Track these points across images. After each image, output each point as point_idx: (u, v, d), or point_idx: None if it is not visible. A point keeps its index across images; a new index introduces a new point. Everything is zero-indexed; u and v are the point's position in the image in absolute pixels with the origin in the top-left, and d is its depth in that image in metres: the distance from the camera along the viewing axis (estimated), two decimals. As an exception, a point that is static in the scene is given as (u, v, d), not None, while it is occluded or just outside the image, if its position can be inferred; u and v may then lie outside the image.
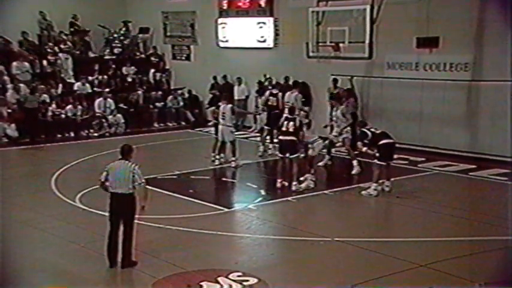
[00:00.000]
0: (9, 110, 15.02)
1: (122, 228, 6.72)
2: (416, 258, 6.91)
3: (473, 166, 11.15)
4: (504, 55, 11.09)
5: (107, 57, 18.32)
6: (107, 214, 6.84)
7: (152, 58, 18.96)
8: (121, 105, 16.73)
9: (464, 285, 6.17)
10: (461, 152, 11.66)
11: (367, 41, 12.21)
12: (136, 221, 6.86)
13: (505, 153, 11.43)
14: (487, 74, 11.83)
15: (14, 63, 16.12)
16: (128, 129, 16.21)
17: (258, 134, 13.68)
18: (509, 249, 7.18)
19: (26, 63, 16.31)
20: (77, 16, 18.03)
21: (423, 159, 11.90)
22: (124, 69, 18.21)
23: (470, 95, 11.93)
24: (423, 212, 8.98)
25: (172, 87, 18.54)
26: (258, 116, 14.01)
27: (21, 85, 15.58)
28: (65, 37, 17.80)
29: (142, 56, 19.11)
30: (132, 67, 18.33)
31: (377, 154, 9.46)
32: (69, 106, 15.79)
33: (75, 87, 16.75)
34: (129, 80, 18.02)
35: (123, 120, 16.25)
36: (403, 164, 11.54)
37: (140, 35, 19.30)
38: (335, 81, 13.71)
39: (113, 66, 18.06)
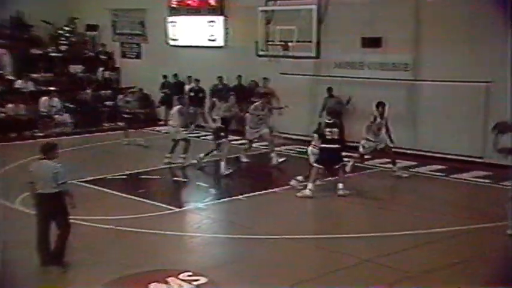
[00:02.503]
0: None
1: (52, 228, 6.62)
2: (362, 253, 7.14)
3: (415, 163, 11.58)
4: (441, 56, 11.59)
5: (52, 54, 17.82)
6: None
7: (101, 56, 18.62)
8: (68, 104, 16.35)
9: (405, 277, 6.42)
10: (403, 149, 12.10)
11: (314, 41, 12.45)
12: (85, 222, 6.77)
13: (444, 150, 11.99)
14: (425, 74, 12.32)
15: None
16: (76, 128, 15.87)
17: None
18: (447, 240, 7.55)
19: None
20: (22, 11, 17.42)
21: (368, 156, 12.25)
22: (71, 67, 17.77)
23: (411, 94, 12.39)
24: (368, 208, 9.28)
25: (122, 86, 18.29)
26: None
27: None
28: (3, 31, 17.06)
29: (91, 53, 18.73)
30: (80, 65, 17.92)
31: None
32: (10, 105, 15.23)
33: (17, 85, 16.17)
34: (77, 78, 17.63)
35: (70, 120, 15.88)
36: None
37: (88, 32, 18.90)
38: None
39: (59, 63, 17.58)
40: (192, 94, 16.08)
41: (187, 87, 16.52)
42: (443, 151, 11.86)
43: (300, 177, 9.83)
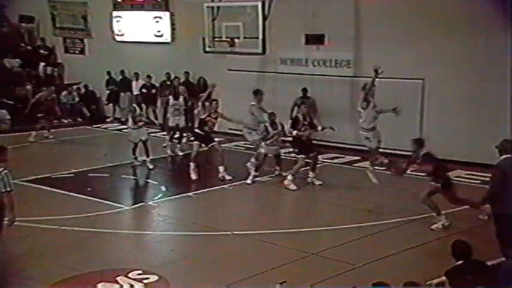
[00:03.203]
0: None
1: None
2: (309, 247, 7.35)
3: (358, 158, 11.97)
4: (380, 53, 12.00)
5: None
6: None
7: (41, 50, 17.98)
8: (5, 100, 15.70)
9: (347, 270, 6.69)
10: (347, 144, 12.49)
11: (260, 37, 12.59)
12: (29, 223, 6.59)
13: (387, 145, 12.43)
14: (366, 71, 12.74)
15: None
16: (15, 126, 15.31)
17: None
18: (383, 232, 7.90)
19: None
20: None
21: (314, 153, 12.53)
22: (6, 61, 17.01)
23: (353, 90, 12.79)
24: (315, 202, 9.56)
25: (66, 82, 17.79)
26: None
27: None
28: None
29: (28, 47, 18.01)
30: (17, 59, 17.20)
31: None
32: None
33: None
34: (15, 73, 16.88)
35: (8, 117, 15.32)
36: (292, 157, 12.09)
37: (23, 24, 18.11)
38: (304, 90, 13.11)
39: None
40: (144, 91, 15.90)
41: (135, 84, 16.31)
42: (387, 146, 12.31)
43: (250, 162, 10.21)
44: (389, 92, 12.18)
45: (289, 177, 9.88)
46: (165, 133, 13.32)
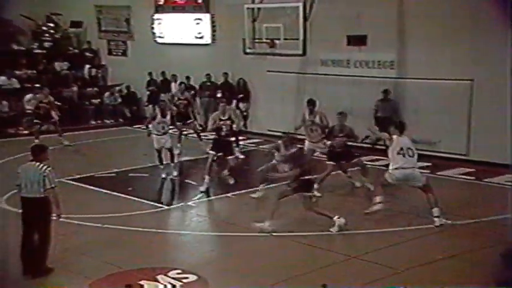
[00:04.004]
0: None
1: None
2: (350, 250, 7.25)
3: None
4: (424, 54, 11.72)
5: (36, 51, 17.60)
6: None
7: (87, 53, 18.49)
8: (54, 101, 16.21)
9: (389, 274, 6.53)
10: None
11: (301, 38, 12.51)
12: (74, 221, 6.74)
13: (428, 147, 12.11)
14: (410, 72, 12.44)
15: None
16: (62, 126, 15.75)
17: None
18: (427, 237, 7.68)
19: None
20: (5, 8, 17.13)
21: (356, 154, 12.33)
22: (56, 65, 17.62)
23: (396, 91, 12.53)
24: (354, 204, 9.36)
25: (108, 84, 18.20)
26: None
27: None
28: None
29: (76, 51, 18.59)
30: (65, 62, 17.78)
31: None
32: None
33: (0, 82, 15.98)
34: (62, 75, 17.48)
35: (57, 117, 15.74)
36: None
37: (72, 29, 18.73)
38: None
39: (43, 60, 17.42)
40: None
41: (173, 86, 16.51)
42: (428, 148, 12.01)
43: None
44: (435, 93, 11.90)
45: (315, 185, 9.69)
46: (202, 133, 13.30)
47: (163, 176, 10.91)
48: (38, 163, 6.42)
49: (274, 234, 7.84)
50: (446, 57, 11.65)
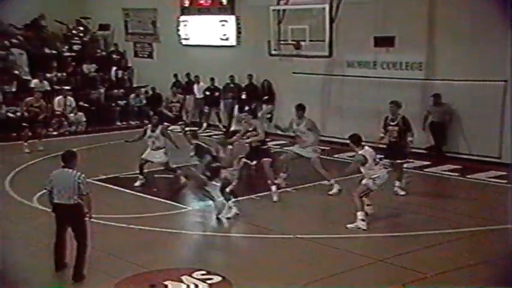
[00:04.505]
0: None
1: (68, 236, 6.50)
2: (376, 253, 7.13)
3: (428, 163, 11.49)
4: (454, 54, 11.49)
5: (66, 54, 17.97)
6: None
7: (113, 55, 18.73)
8: (82, 103, 16.49)
9: (416, 278, 6.39)
10: (418, 148, 12.00)
11: (327, 40, 12.42)
12: (100, 221, 6.81)
13: (459, 149, 11.89)
14: (439, 73, 12.23)
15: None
16: (89, 127, 16.00)
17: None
18: (462, 241, 7.52)
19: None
20: (44, 15, 17.59)
21: (381, 156, 12.18)
22: (84, 67, 17.91)
23: (424, 93, 12.32)
24: (381, 207, 9.23)
25: (134, 85, 18.39)
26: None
27: None
28: (16, 31, 17.21)
29: (103, 53, 18.85)
30: (93, 64, 18.06)
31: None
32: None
33: (32, 85, 16.32)
34: (90, 77, 17.76)
35: (84, 119, 16.02)
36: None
37: (100, 32, 19.02)
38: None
39: (73, 63, 17.75)
40: (207, 93, 16.14)
41: (196, 87, 16.57)
42: (459, 151, 11.79)
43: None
44: (467, 95, 11.65)
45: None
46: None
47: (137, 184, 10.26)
48: (70, 170, 6.40)
49: (298, 236, 7.77)
50: (478, 57, 11.39)
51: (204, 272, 6.53)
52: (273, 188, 9.43)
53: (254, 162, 9.69)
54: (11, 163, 11.82)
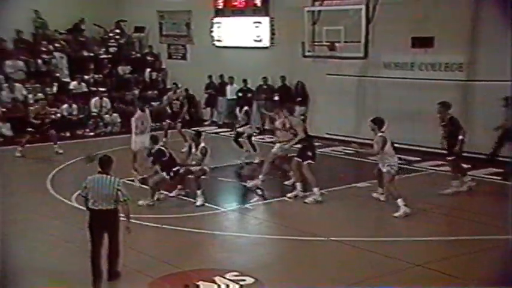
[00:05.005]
0: (4, 109, 14.98)
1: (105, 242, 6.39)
2: (413, 258, 6.94)
3: (469, 166, 11.15)
4: (499, 55, 11.12)
5: (102, 56, 18.30)
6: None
7: (148, 57, 18.94)
8: (117, 104, 16.72)
9: (458, 284, 6.19)
10: (470, 153, 11.63)
11: (362, 41, 12.26)
12: (133, 220, 6.82)
13: (501, 153, 11.46)
14: (481, 74, 11.87)
15: (8, 62, 16.06)
16: (123, 128, 16.18)
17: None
18: (503, 248, 7.23)
19: (20, 62, 16.27)
20: (84, 19, 17.99)
21: (418, 158, 11.93)
22: (120, 69, 18.18)
23: (465, 95, 11.97)
24: (415, 211, 9.00)
25: (168, 87, 18.53)
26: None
27: (17, 84, 15.59)
28: (59, 36, 17.77)
29: (138, 55, 19.10)
30: (128, 66, 18.31)
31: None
32: (65, 105, 15.77)
33: (71, 86, 16.71)
34: (125, 79, 18.01)
35: (119, 120, 16.23)
36: (398, 164, 11.58)
37: (135, 34, 19.28)
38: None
39: (109, 65, 18.04)
40: (240, 95, 16.14)
41: (229, 88, 16.57)
42: (501, 154, 11.39)
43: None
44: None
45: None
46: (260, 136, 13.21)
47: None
48: (108, 176, 6.28)
49: (331, 238, 7.63)
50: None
51: (236, 273, 6.50)
52: (315, 189, 9.31)
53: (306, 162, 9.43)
54: (50, 163, 12.09)
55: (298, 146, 9.66)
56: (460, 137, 9.44)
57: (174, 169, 9.25)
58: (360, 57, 12.62)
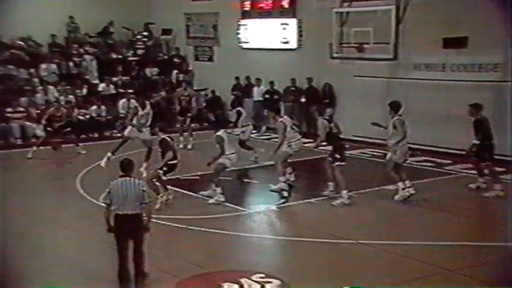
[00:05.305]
0: (38, 111, 15.26)
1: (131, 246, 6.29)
2: (445, 263, 6.76)
3: (503, 169, 10.85)
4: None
5: (130, 58, 18.49)
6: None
7: (175, 59, 19.06)
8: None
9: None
10: (502, 156, 11.31)
11: (392, 42, 12.05)
12: (159, 221, 6.83)
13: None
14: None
15: (42, 65, 16.53)
16: (151, 129, 16.24)
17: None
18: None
19: (53, 65, 16.65)
20: (113, 22, 18.23)
21: (450, 161, 11.67)
22: (147, 70, 18.33)
23: (499, 96, 11.64)
24: (447, 215, 8.78)
25: (194, 88, 18.58)
26: None
27: (50, 87, 15.93)
28: (90, 39, 18.08)
29: (165, 57, 19.23)
30: (155, 68, 18.46)
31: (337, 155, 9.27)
32: (94, 107, 15.99)
33: (100, 88, 16.95)
34: (152, 81, 18.15)
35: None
36: (429, 167, 11.38)
37: (163, 36, 19.43)
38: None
39: (136, 67, 18.21)
40: (267, 96, 16.08)
41: (256, 90, 16.51)
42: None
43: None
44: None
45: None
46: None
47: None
48: (132, 179, 6.23)
49: (360, 241, 7.48)
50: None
51: (263, 275, 6.44)
52: (344, 192, 9.19)
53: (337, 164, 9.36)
54: (79, 163, 12.26)
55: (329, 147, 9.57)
56: (474, 142, 9.32)
57: (169, 163, 9.35)
58: (389, 59, 12.39)
